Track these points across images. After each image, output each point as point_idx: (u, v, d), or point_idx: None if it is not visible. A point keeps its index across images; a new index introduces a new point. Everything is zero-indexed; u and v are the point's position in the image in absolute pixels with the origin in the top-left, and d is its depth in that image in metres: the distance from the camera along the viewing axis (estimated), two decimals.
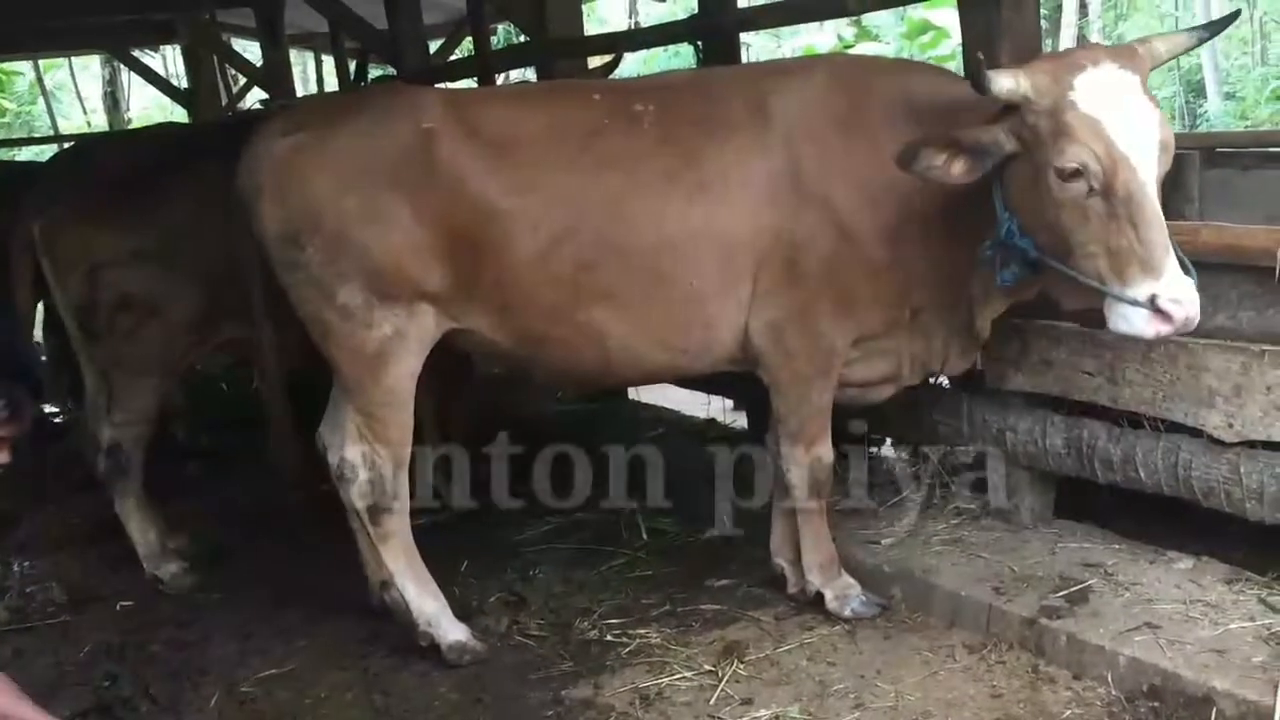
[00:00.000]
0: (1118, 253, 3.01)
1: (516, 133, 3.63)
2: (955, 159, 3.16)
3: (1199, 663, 3.11)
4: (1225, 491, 3.42)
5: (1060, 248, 3.15)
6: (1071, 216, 3.07)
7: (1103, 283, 3.06)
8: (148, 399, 4.62)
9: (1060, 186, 3.05)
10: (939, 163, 3.16)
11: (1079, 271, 3.11)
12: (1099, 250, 3.05)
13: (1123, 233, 2.99)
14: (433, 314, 3.67)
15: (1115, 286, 3.03)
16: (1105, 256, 3.04)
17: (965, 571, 3.82)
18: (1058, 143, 3.03)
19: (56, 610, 4.58)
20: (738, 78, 3.92)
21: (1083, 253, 3.08)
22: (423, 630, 3.82)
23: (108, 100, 19.63)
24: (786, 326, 3.66)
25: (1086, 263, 3.09)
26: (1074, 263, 3.12)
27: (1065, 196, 3.05)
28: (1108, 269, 3.04)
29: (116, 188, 4.58)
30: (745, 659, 3.63)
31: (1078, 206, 3.05)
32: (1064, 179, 3.03)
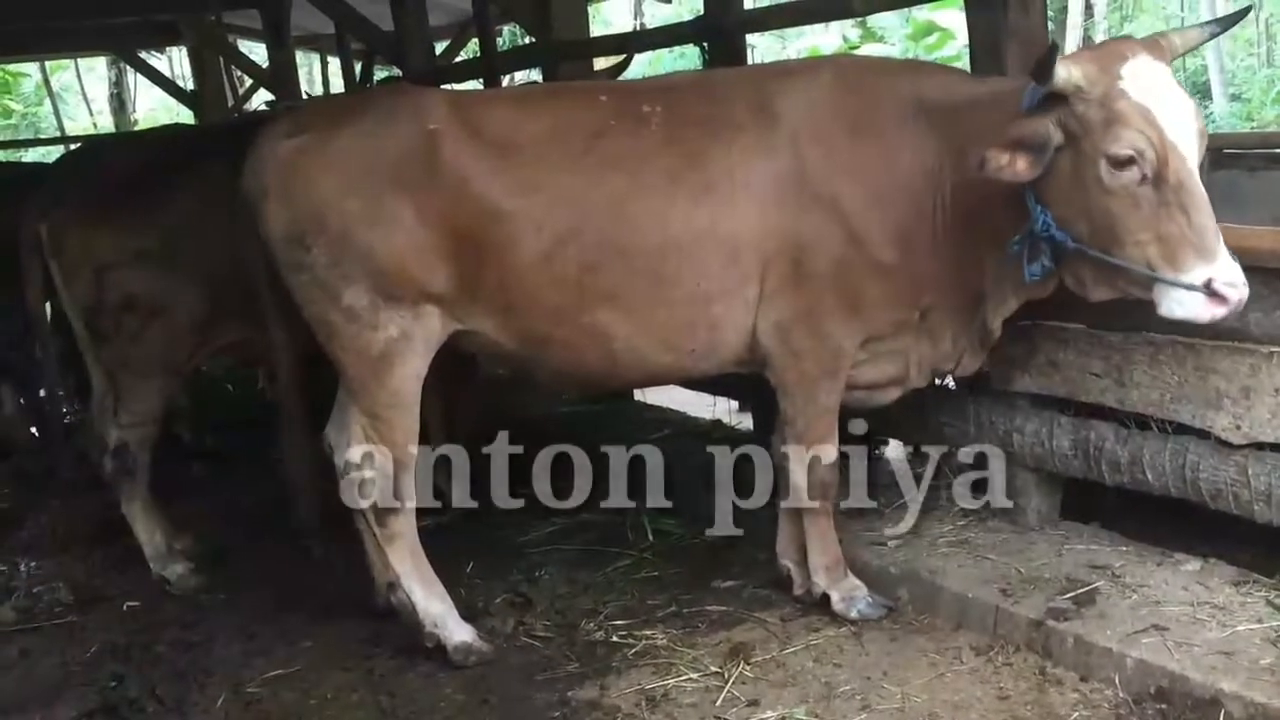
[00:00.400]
0: (1168, 239, 3.04)
1: (521, 134, 3.63)
2: (1018, 157, 3.16)
3: (1207, 665, 3.10)
4: (1233, 493, 3.41)
5: (1105, 237, 3.16)
6: (1121, 205, 3.09)
7: (1153, 270, 3.07)
8: (154, 400, 4.63)
9: (1112, 175, 3.07)
10: (1005, 163, 3.16)
11: (1126, 260, 3.12)
12: (1149, 238, 3.07)
13: (1174, 219, 3.03)
14: (438, 315, 3.67)
15: (1168, 273, 3.05)
16: (1156, 244, 3.06)
17: (972, 573, 3.81)
18: (1111, 130, 3.06)
19: (63, 610, 4.58)
20: (743, 79, 3.92)
21: (1132, 240, 3.10)
22: (429, 631, 3.82)
23: (114, 102, 19.65)
24: (794, 327, 3.65)
25: (1136, 251, 3.10)
26: (1121, 252, 3.13)
27: (1116, 184, 3.08)
28: (1158, 256, 3.06)
29: (123, 189, 4.58)
30: (751, 660, 3.63)
31: (1129, 194, 3.07)
32: (1117, 166, 3.06)
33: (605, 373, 3.86)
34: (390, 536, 3.81)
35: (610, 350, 3.70)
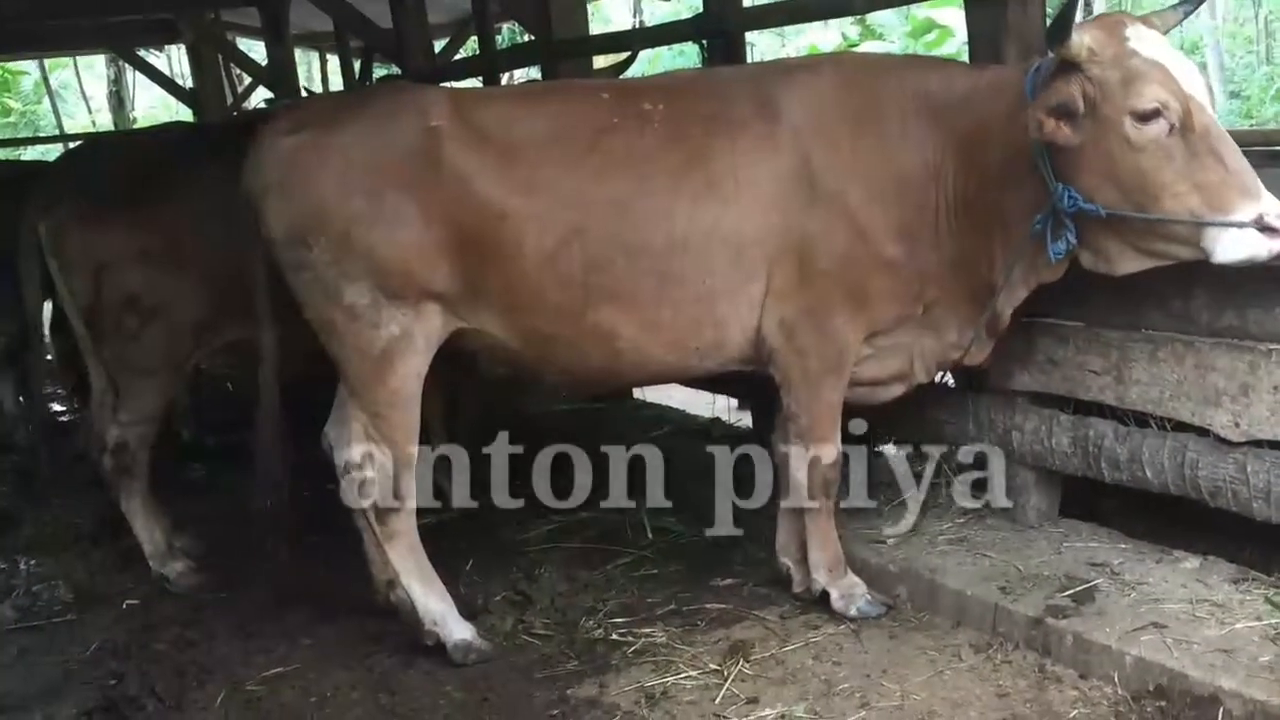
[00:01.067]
0: (1208, 186, 3.07)
1: (524, 132, 3.63)
2: (1061, 123, 3.17)
3: (1206, 662, 3.11)
4: (1232, 491, 3.41)
5: (1140, 197, 3.16)
6: (1153, 159, 3.12)
7: (1199, 218, 3.07)
8: (153, 399, 4.62)
9: (1139, 131, 3.11)
10: (1053, 128, 3.17)
11: (1168, 215, 3.12)
12: (1187, 188, 3.09)
13: (1209, 167, 3.07)
14: (440, 313, 3.67)
15: (1216, 216, 3.05)
16: (1196, 192, 3.08)
17: (971, 571, 3.82)
18: (1132, 86, 3.10)
19: (63, 609, 4.59)
20: (745, 77, 3.92)
21: (1170, 194, 3.11)
22: (428, 629, 3.82)
23: (113, 99, 19.65)
24: (799, 324, 3.66)
25: (1176, 203, 3.11)
26: (1159, 208, 3.14)
27: (1145, 139, 3.11)
28: (1201, 203, 3.08)
29: (123, 187, 4.58)
30: (751, 658, 3.63)
31: (1158, 148, 3.10)
32: (1143, 121, 3.10)
33: (609, 372, 3.86)
34: (390, 535, 3.81)
35: (614, 349, 3.70)
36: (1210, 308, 3.45)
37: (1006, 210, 3.48)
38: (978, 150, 3.50)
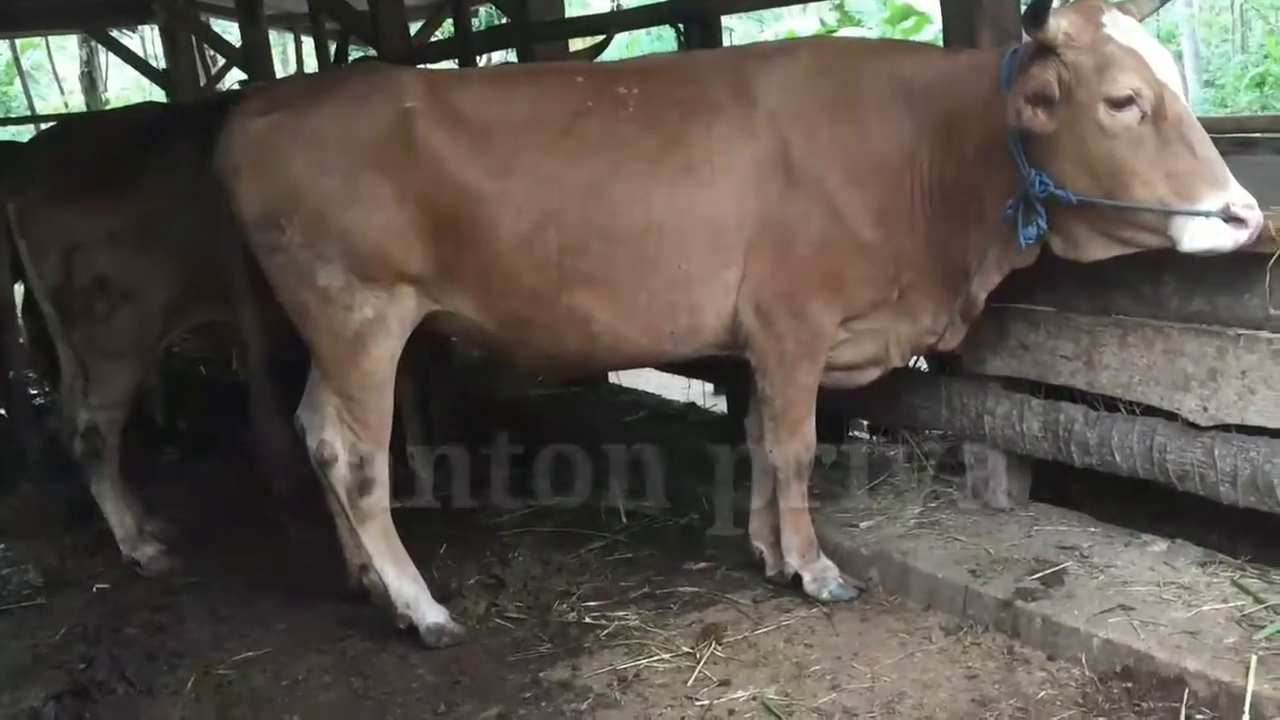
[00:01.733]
0: (1178, 175, 3.09)
1: (499, 114, 3.62)
2: (1038, 110, 3.19)
3: (1172, 644, 3.14)
4: (1200, 475, 3.44)
5: (1110, 184, 3.18)
6: (1124, 146, 3.14)
7: (1166, 206, 3.10)
8: (124, 381, 4.60)
9: (1112, 117, 3.13)
10: (1031, 114, 3.19)
11: (1137, 203, 3.14)
12: (1158, 176, 3.11)
13: (1179, 155, 3.09)
14: (414, 296, 3.66)
15: (1184, 205, 3.08)
16: (1166, 181, 3.11)
17: (942, 554, 3.84)
18: (1107, 72, 3.12)
19: (32, 593, 4.57)
20: (722, 60, 3.90)
21: (1140, 182, 3.13)
22: (401, 613, 3.82)
23: (85, 80, 19.42)
24: (774, 309, 3.66)
25: (1145, 191, 3.13)
26: (1129, 195, 3.16)
27: (1117, 126, 3.13)
28: (1170, 192, 3.10)
29: (92, 169, 4.54)
30: (723, 641, 3.65)
31: (1130, 135, 3.13)
32: (1116, 107, 3.12)
33: (584, 355, 3.85)
34: (363, 518, 3.80)
35: (590, 333, 3.70)
36: (1180, 293, 3.47)
37: (982, 195, 3.49)
38: (954, 135, 3.51)
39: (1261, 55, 16.99)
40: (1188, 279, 3.45)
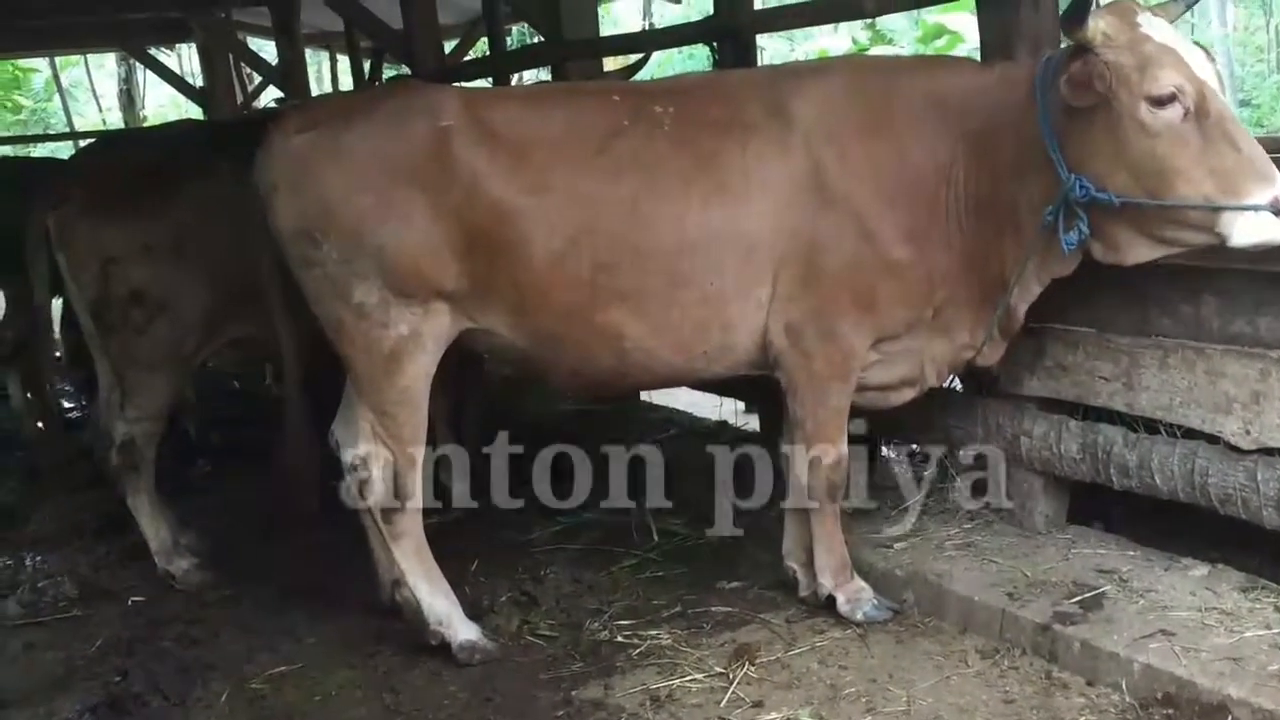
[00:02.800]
0: (1223, 171, 3.08)
1: (535, 132, 3.63)
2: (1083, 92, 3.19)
3: (1214, 670, 3.09)
4: (1242, 499, 3.39)
5: (1154, 183, 3.16)
6: (1168, 145, 3.13)
7: (1214, 202, 3.08)
8: (160, 395, 4.62)
9: (1154, 115, 3.12)
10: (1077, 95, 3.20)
11: (1182, 200, 3.13)
12: (1202, 174, 3.10)
13: (1223, 152, 3.08)
14: (449, 313, 3.66)
15: (1231, 200, 3.06)
16: (1211, 178, 3.09)
17: (978, 576, 3.80)
18: (1148, 71, 3.12)
19: (68, 605, 4.59)
20: (756, 80, 3.91)
21: (1186, 180, 3.11)
22: (433, 629, 3.82)
23: (123, 98, 19.69)
24: (805, 328, 3.65)
25: (1190, 189, 3.11)
26: (1174, 194, 3.14)
27: (1160, 124, 3.12)
28: (1216, 189, 3.09)
29: (130, 184, 4.59)
30: (756, 661, 3.62)
31: (1173, 133, 3.12)
32: (1159, 106, 3.11)
33: (616, 373, 3.83)
34: (396, 534, 3.81)
35: (622, 350, 3.69)
36: (1221, 314, 3.44)
37: (1019, 205, 3.49)
38: (989, 146, 3.50)
39: None
40: (1228, 299, 3.41)
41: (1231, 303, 3.41)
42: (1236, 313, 3.40)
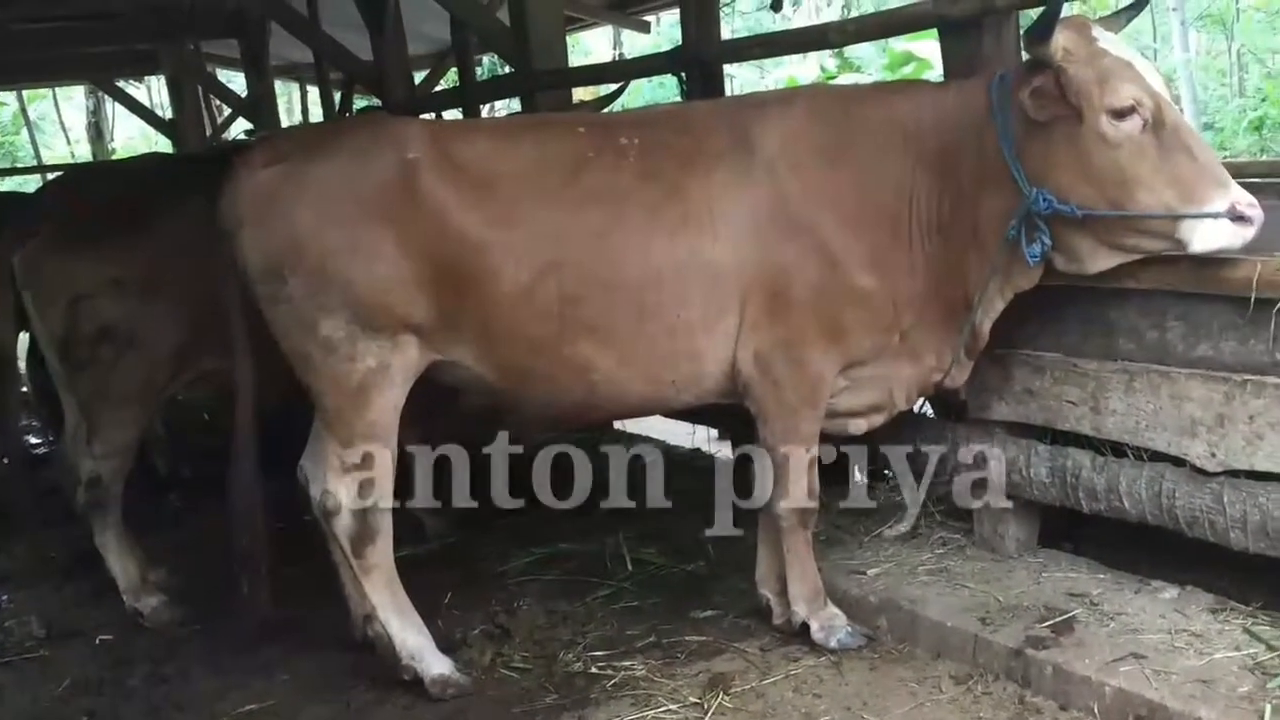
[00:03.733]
0: (1182, 179, 3.18)
1: (501, 165, 3.63)
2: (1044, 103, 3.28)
3: (1185, 693, 3.10)
4: (1209, 521, 3.42)
5: (1116, 193, 3.25)
6: (1128, 155, 3.22)
7: (1173, 211, 3.17)
8: (128, 431, 4.58)
9: (1115, 127, 3.21)
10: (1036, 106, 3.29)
11: (1144, 209, 3.22)
12: (1162, 182, 3.20)
13: (1180, 160, 3.19)
14: (416, 346, 3.65)
15: (1190, 208, 3.16)
16: (1170, 186, 3.19)
17: (951, 602, 3.81)
18: (1108, 84, 3.21)
19: (35, 645, 4.53)
20: (720, 111, 3.93)
21: (1146, 189, 3.21)
22: (406, 664, 3.79)
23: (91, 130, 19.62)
24: (774, 357, 3.66)
25: (1150, 198, 3.21)
26: (1135, 203, 3.23)
27: (1121, 135, 3.22)
28: (1175, 197, 3.19)
29: (98, 218, 4.56)
30: (731, 691, 3.61)
31: (1134, 144, 3.21)
32: (1119, 118, 3.21)
33: (586, 405, 3.84)
34: (367, 568, 3.78)
35: (591, 382, 3.69)
36: (1185, 339, 3.47)
37: (980, 222, 3.53)
38: (949, 166, 3.55)
39: (1259, 99, 17.10)
40: (1192, 325, 3.45)
41: (1195, 327, 3.44)
42: (1200, 337, 3.44)
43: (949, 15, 3.98)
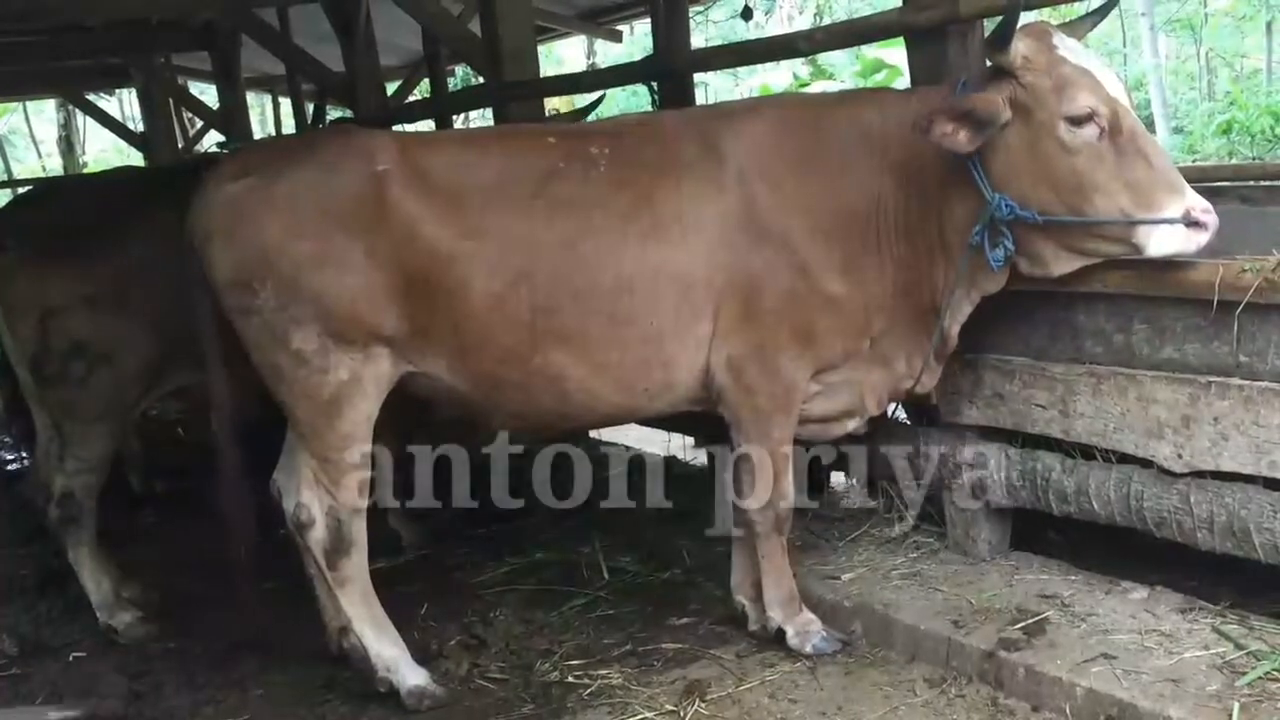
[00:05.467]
0: (1137, 185, 3.24)
1: (470, 176, 3.63)
2: (962, 129, 3.32)
3: (1155, 692, 3.13)
4: (1176, 521, 3.46)
5: (1074, 198, 3.30)
6: (1086, 161, 3.27)
7: (1129, 216, 3.23)
8: (101, 446, 4.56)
9: (1073, 134, 3.27)
10: (949, 130, 3.31)
11: (1100, 215, 3.28)
12: (1119, 187, 3.25)
13: (1137, 166, 3.25)
14: (389, 357, 3.65)
15: (1146, 214, 3.22)
16: (1127, 192, 3.24)
17: (924, 605, 3.83)
18: (1065, 92, 3.27)
19: (7, 663, 4.48)
20: (689, 120, 3.94)
21: (1103, 194, 3.26)
22: (381, 676, 3.78)
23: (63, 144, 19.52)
24: (746, 363, 3.68)
25: (1107, 203, 3.26)
26: (1093, 209, 3.29)
27: (1079, 142, 3.27)
28: (1131, 203, 3.24)
29: (69, 232, 4.54)
30: (707, 698, 3.62)
31: (1091, 150, 3.26)
32: (1076, 124, 3.26)
33: (559, 415, 3.84)
34: (341, 580, 3.77)
35: (564, 391, 3.70)
36: (1150, 342, 3.51)
37: (945, 227, 3.57)
38: (915, 173, 3.58)
39: (1228, 102, 17.28)
40: (1157, 328, 3.48)
41: (1160, 330, 3.48)
42: (1165, 340, 3.47)
43: (915, 24, 4.03)
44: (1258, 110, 15.82)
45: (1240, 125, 15.81)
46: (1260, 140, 15.38)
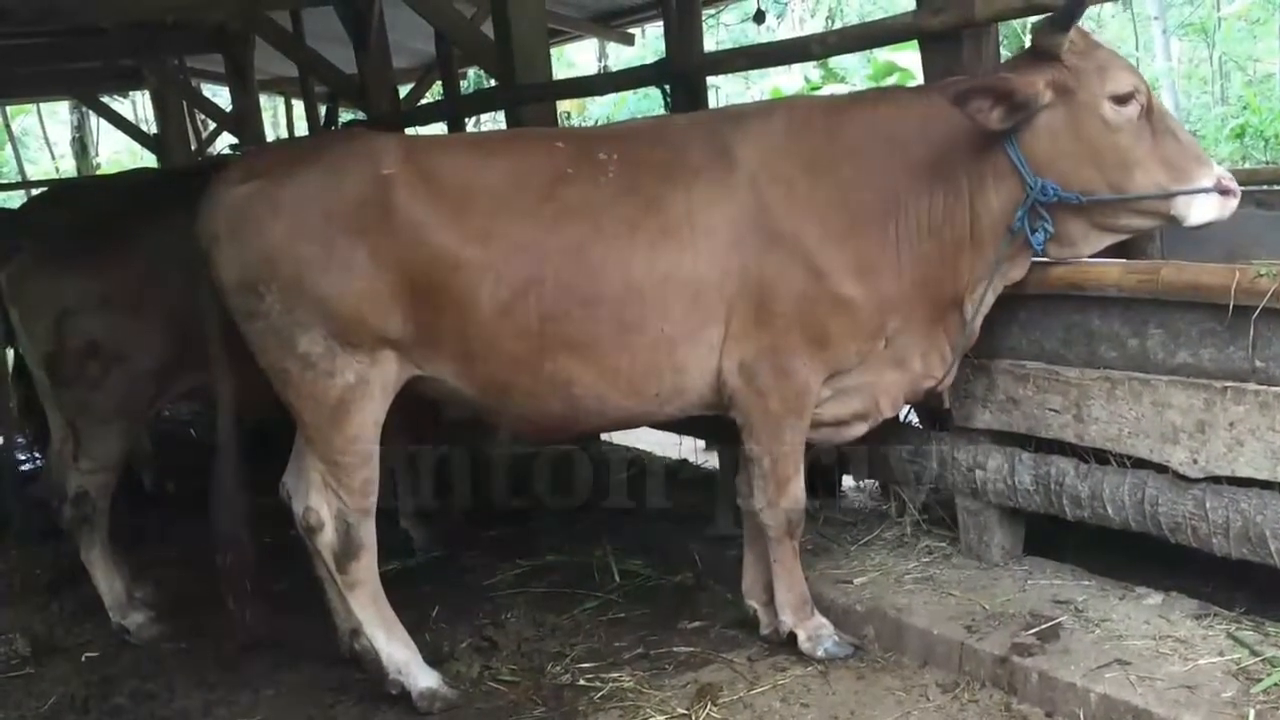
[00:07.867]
0: (1171, 160, 3.44)
1: (477, 181, 3.61)
2: (997, 108, 3.40)
3: (1170, 698, 3.11)
4: (1191, 527, 3.44)
5: (1118, 175, 3.46)
6: (1129, 138, 3.45)
7: (1166, 189, 3.42)
8: (114, 446, 4.57)
9: (1117, 113, 3.43)
10: (985, 107, 3.40)
11: (1140, 190, 3.44)
12: (1156, 163, 3.44)
13: (1168, 142, 3.46)
14: (396, 361, 3.64)
15: (1183, 185, 3.41)
16: (1163, 167, 3.44)
17: (937, 610, 3.82)
18: (1109, 73, 3.45)
19: (19, 663, 4.50)
20: (699, 124, 3.91)
21: (1143, 170, 3.44)
22: (393, 678, 3.78)
23: (76, 145, 19.60)
24: (758, 367, 3.66)
25: (1146, 178, 3.44)
26: (1134, 185, 3.45)
27: (1122, 120, 3.44)
28: (1168, 177, 3.44)
29: (84, 234, 4.55)
30: (719, 701, 3.61)
31: (1133, 128, 3.44)
32: (1121, 103, 3.43)
33: (567, 419, 3.81)
34: (352, 583, 3.77)
35: (573, 397, 3.68)
36: (1165, 346, 3.49)
37: (980, 218, 3.60)
38: (941, 168, 3.57)
39: (1240, 106, 17.21)
40: (1172, 332, 3.47)
41: (1175, 335, 3.46)
42: (1181, 345, 3.46)
43: (929, 27, 4.02)
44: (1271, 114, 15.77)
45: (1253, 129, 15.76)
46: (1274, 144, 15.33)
